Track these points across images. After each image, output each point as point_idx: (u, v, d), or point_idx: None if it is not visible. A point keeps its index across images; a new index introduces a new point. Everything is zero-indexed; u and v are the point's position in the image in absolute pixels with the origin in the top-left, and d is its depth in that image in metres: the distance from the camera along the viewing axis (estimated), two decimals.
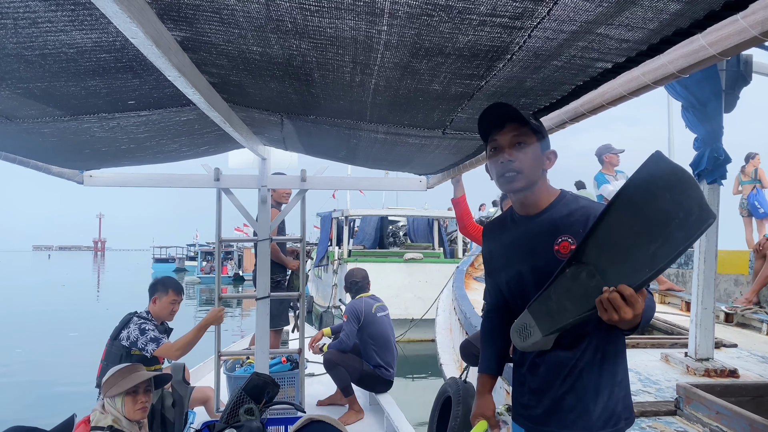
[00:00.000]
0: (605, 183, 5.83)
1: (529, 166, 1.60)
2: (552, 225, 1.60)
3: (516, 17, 1.19)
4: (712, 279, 3.40)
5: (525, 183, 1.60)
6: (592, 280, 1.36)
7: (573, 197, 1.67)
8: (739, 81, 3.33)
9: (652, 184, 1.33)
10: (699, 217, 1.28)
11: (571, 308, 1.40)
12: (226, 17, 1.39)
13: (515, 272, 1.67)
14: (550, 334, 1.45)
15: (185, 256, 46.41)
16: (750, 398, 2.66)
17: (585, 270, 1.38)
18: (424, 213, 14.63)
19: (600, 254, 1.37)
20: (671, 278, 7.39)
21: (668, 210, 1.29)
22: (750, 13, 1.02)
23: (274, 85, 1.97)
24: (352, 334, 4.44)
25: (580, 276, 1.38)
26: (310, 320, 14.43)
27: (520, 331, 1.51)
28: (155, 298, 3.42)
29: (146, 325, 3.29)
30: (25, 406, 7.28)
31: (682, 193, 1.30)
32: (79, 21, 1.42)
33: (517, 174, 1.59)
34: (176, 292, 3.46)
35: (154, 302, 3.42)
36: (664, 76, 1.30)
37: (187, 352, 3.39)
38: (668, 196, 1.30)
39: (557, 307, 1.43)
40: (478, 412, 1.83)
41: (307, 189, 3.90)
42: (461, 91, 1.75)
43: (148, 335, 3.26)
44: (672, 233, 1.28)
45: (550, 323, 1.44)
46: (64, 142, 2.71)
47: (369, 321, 4.52)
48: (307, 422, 2.49)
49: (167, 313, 3.46)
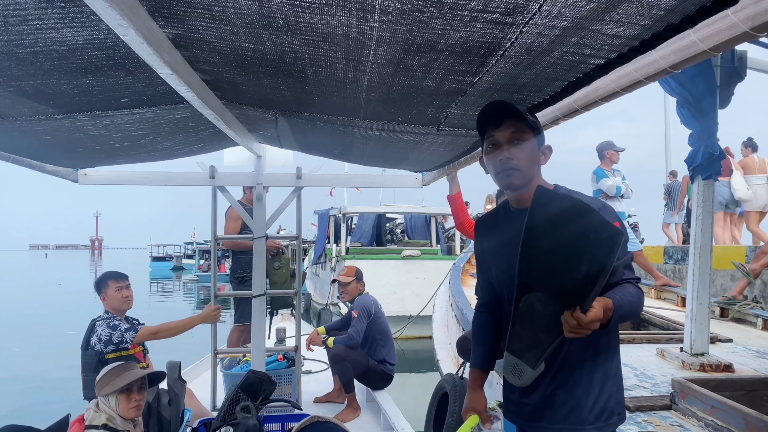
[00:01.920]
0: (604, 177, 5.85)
1: (527, 163, 1.61)
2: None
3: (507, 13, 1.19)
4: (707, 274, 3.41)
5: (523, 180, 1.62)
6: (547, 307, 1.41)
7: (567, 191, 1.68)
8: (733, 77, 3.33)
9: (553, 217, 1.40)
10: (609, 237, 1.33)
11: (544, 337, 1.44)
12: (218, 14, 1.39)
13: (507, 265, 1.67)
14: (538, 363, 1.48)
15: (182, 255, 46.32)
16: (744, 392, 2.67)
17: (536, 300, 1.43)
18: (421, 210, 14.63)
19: (541, 282, 1.42)
20: (668, 274, 7.42)
21: (578, 234, 1.36)
22: (740, 8, 1.03)
23: (268, 82, 1.97)
24: (362, 330, 4.44)
25: (535, 306, 1.43)
26: (308, 318, 14.44)
27: (513, 371, 1.54)
28: (102, 295, 3.34)
29: (112, 321, 3.22)
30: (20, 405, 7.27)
31: (579, 219, 1.37)
32: (69, 18, 1.41)
33: (516, 171, 1.60)
34: (116, 279, 3.36)
35: (103, 299, 3.33)
36: (656, 72, 1.30)
37: (167, 337, 3.33)
38: (571, 225, 1.37)
39: (532, 340, 1.47)
40: (470, 407, 1.83)
41: (302, 186, 3.90)
42: (454, 87, 1.75)
43: (121, 327, 3.20)
44: (593, 252, 1.33)
45: (533, 356, 1.47)
46: (57, 141, 2.70)
47: (377, 316, 4.58)
48: (312, 421, 2.50)
49: (120, 302, 3.34)
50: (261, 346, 3.84)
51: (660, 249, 8.12)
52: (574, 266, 1.35)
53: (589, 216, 1.36)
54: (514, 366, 1.52)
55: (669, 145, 14.22)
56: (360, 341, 4.42)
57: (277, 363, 4.41)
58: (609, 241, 1.33)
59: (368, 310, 4.53)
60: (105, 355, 3.12)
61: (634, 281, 1.53)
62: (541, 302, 1.42)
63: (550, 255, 1.40)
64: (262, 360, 3.86)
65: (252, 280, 3.88)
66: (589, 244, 1.33)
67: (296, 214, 4.14)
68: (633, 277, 1.54)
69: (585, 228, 1.35)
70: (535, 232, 1.42)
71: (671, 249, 7.98)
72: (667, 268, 7.65)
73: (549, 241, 1.40)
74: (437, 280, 8.53)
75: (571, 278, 1.36)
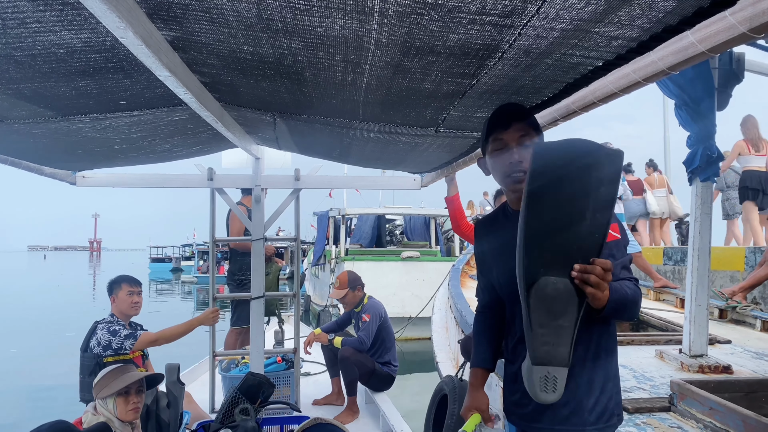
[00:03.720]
0: None
1: None
2: None
3: (506, 15, 1.19)
4: (705, 276, 3.41)
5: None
6: (558, 284, 1.37)
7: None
8: (731, 79, 3.33)
9: (550, 172, 1.34)
10: (609, 159, 1.31)
11: (565, 323, 1.37)
12: (216, 16, 1.39)
13: (508, 267, 1.67)
14: (570, 357, 1.39)
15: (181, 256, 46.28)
16: (743, 394, 2.66)
17: (546, 284, 1.37)
18: (420, 211, 14.64)
19: (547, 260, 1.37)
20: (668, 275, 7.42)
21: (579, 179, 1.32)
22: (738, 9, 1.03)
23: (266, 84, 1.97)
24: (373, 334, 4.46)
25: (546, 292, 1.37)
26: (307, 319, 14.42)
27: (545, 385, 1.40)
28: (113, 297, 3.36)
29: (113, 326, 3.23)
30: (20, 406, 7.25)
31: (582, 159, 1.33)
32: (68, 21, 1.41)
33: (525, 174, 1.60)
34: (130, 284, 3.39)
35: (113, 301, 3.36)
36: (654, 73, 1.31)
37: (167, 342, 3.35)
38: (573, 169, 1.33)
39: (555, 335, 1.38)
40: (471, 406, 1.82)
41: (300, 188, 3.90)
42: (453, 89, 1.75)
43: (121, 334, 3.20)
44: (599, 192, 1.31)
45: (563, 352, 1.38)
46: (56, 143, 2.69)
47: (384, 319, 4.62)
48: (313, 423, 2.50)
49: (129, 306, 3.36)
50: (260, 348, 3.84)
51: (659, 250, 8.12)
52: (581, 218, 1.32)
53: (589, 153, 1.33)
54: (545, 378, 1.40)
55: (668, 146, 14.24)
56: (369, 345, 4.43)
57: (276, 365, 4.40)
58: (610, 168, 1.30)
59: (381, 314, 4.56)
60: (103, 358, 3.12)
61: (632, 281, 1.53)
62: (552, 284, 1.36)
63: (552, 217, 1.35)
64: (260, 362, 3.85)
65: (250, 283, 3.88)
66: (592, 184, 1.30)
67: (294, 216, 4.14)
68: (630, 277, 1.54)
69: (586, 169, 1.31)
70: (532, 195, 1.36)
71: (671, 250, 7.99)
72: (667, 270, 7.65)
73: (550, 201, 1.35)
74: (436, 282, 8.53)
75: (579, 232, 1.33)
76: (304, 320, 12.43)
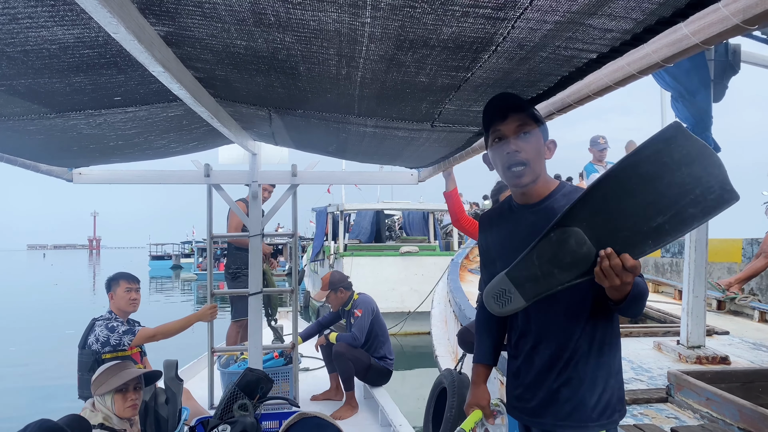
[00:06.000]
0: (594, 172, 5.91)
1: (534, 156, 1.61)
2: (552, 214, 1.59)
3: (499, 8, 1.18)
4: (703, 267, 3.41)
5: (532, 176, 1.61)
6: (582, 246, 1.32)
7: (573, 187, 1.68)
8: (727, 70, 3.33)
9: (668, 156, 1.26)
10: (719, 197, 1.23)
11: (558, 274, 1.36)
12: (209, 11, 1.38)
13: (513, 260, 1.66)
14: (533, 299, 1.39)
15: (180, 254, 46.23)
16: (740, 384, 2.68)
17: (573, 236, 1.33)
18: (419, 206, 14.64)
19: (594, 220, 1.32)
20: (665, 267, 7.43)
21: (683, 184, 1.24)
22: (731, 1, 1.02)
23: (261, 79, 1.96)
24: (366, 329, 4.47)
25: (568, 242, 1.34)
26: (307, 315, 14.44)
27: (497, 297, 1.44)
28: (111, 294, 3.37)
29: (111, 323, 3.23)
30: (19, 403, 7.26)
31: (703, 169, 1.24)
32: (59, 16, 1.41)
33: (525, 167, 1.59)
34: (128, 281, 3.39)
35: (111, 298, 3.36)
36: (648, 66, 1.30)
37: (165, 338, 3.37)
38: (685, 170, 1.24)
39: (542, 273, 1.37)
40: (473, 402, 1.82)
41: (297, 184, 3.89)
42: (448, 83, 1.74)
43: (119, 330, 3.21)
44: (685, 209, 1.24)
45: (533, 289, 1.39)
46: (51, 140, 2.68)
47: (376, 313, 4.64)
48: (298, 418, 2.50)
49: (127, 303, 3.36)
50: (258, 344, 3.84)
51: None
52: (650, 215, 1.26)
53: (714, 170, 1.23)
54: (503, 292, 1.42)
55: None
56: (363, 341, 4.44)
57: (274, 361, 4.41)
58: (713, 203, 1.22)
59: (372, 309, 4.57)
60: (101, 355, 3.13)
61: (641, 277, 1.53)
62: (578, 239, 1.32)
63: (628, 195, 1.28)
64: (259, 358, 3.86)
65: (245, 277, 3.88)
66: (688, 198, 1.23)
67: (292, 212, 4.14)
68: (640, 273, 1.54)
69: (697, 180, 1.23)
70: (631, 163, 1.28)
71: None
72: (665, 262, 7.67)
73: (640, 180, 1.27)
74: (436, 276, 8.54)
75: (636, 226, 1.28)
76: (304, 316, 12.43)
